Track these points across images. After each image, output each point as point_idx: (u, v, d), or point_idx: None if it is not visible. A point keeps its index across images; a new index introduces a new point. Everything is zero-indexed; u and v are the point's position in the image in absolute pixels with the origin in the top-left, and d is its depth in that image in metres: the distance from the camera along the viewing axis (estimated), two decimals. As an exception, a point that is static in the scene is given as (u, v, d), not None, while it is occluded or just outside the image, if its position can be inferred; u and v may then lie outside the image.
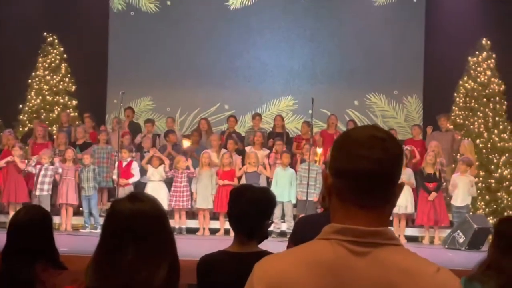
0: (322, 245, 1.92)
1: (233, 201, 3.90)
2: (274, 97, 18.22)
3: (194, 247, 11.28)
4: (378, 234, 1.90)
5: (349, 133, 1.99)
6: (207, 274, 3.85)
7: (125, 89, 14.95)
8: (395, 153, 1.94)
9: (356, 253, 1.88)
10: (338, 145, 1.98)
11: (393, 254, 1.89)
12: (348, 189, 1.93)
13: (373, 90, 18.01)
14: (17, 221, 3.81)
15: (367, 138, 1.93)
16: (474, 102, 16.17)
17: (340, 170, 1.94)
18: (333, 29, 18.13)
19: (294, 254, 1.95)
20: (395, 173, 1.95)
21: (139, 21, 18.53)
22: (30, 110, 17.35)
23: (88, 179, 14.06)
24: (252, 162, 14.21)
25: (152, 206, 2.32)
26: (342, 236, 1.90)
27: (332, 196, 1.98)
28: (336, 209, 1.97)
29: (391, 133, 2.00)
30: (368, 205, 1.92)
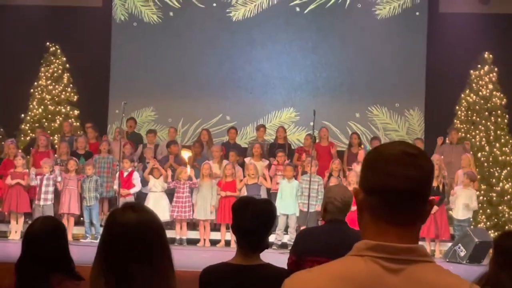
0: (355, 261, 1.90)
1: (237, 215, 3.90)
2: (276, 108, 18.22)
3: (195, 258, 11.28)
4: (412, 251, 1.90)
5: (380, 150, 1.99)
6: (209, 286, 3.84)
7: (127, 100, 14.97)
8: (428, 170, 1.94)
9: (390, 270, 1.87)
10: (370, 162, 1.97)
11: (427, 271, 1.89)
12: (381, 206, 1.92)
13: (375, 102, 18.00)
14: (32, 232, 3.81)
15: (400, 155, 1.92)
16: (476, 115, 16.18)
17: (373, 187, 1.93)
18: (335, 41, 18.16)
19: (327, 270, 1.92)
20: (428, 190, 1.95)
21: (142, 31, 18.55)
22: (32, 120, 17.36)
23: (90, 189, 14.06)
24: (251, 174, 14.20)
25: (151, 216, 2.30)
26: (375, 253, 1.89)
27: (363, 212, 1.98)
28: (368, 226, 1.96)
29: (421, 149, 2.00)
30: (401, 222, 1.92)
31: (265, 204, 3.95)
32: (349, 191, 4.98)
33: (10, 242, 13.56)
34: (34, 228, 3.84)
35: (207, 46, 18.24)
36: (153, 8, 18.59)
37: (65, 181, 14.10)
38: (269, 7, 18.35)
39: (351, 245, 2.31)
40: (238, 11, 18.43)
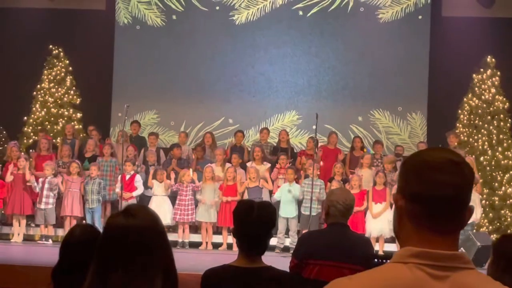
0: (398, 268, 1.88)
1: (239, 221, 3.90)
2: (278, 112, 18.22)
3: (197, 261, 11.28)
4: (456, 258, 1.89)
5: (424, 156, 1.96)
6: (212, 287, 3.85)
7: (129, 102, 14.97)
8: (471, 178, 1.94)
9: (435, 277, 1.86)
10: (413, 168, 1.95)
11: (472, 279, 1.88)
12: (424, 214, 1.91)
13: (377, 106, 17.99)
14: (72, 240, 3.82)
15: (446, 163, 1.91)
16: (479, 119, 16.17)
17: (417, 195, 1.92)
18: (338, 45, 18.16)
19: (369, 278, 1.90)
20: (469, 198, 1.95)
21: (145, 35, 18.57)
22: (34, 122, 17.38)
23: (93, 192, 14.06)
24: (252, 177, 14.20)
25: (144, 221, 2.27)
26: (420, 260, 1.87)
27: (403, 219, 1.96)
28: (410, 233, 1.94)
29: (463, 157, 1.99)
30: (443, 230, 1.91)
31: (266, 208, 3.96)
32: (351, 195, 4.99)
33: (12, 245, 13.58)
34: (74, 235, 3.86)
35: (210, 49, 18.26)
36: (156, 11, 18.61)
37: (67, 184, 14.11)
38: (272, 10, 18.35)
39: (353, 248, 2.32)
40: (241, 15, 18.44)
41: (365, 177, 14.20)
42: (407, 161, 1.99)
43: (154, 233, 2.25)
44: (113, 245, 2.25)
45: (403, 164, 2.00)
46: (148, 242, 2.22)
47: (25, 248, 13.30)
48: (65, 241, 3.86)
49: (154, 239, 2.24)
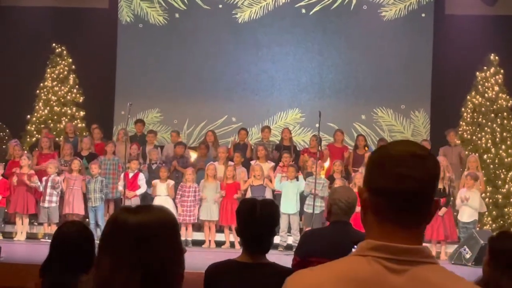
0: (358, 261, 1.89)
1: (242, 220, 3.90)
2: (281, 110, 18.21)
3: (200, 259, 11.27)
4: (416, 252, 1.89)
5: (388, 149, 1.96)
6: (214, 283, 3.85)
7: (132, 101, 14.95)
8: (435, 172, 1.93)
9: (393, 270, 1.86)
10: (377, 162, 1.95)
11: (431, 273, 1.88)
12: (386, 208, 1.91)
13: (380, 104, 17.98)
14: (61, 235, 3.85)
15: (409, 156, 1.90)
16: (482, 117, 16.15)
17: (379, 188, 1.91)
18: (341, 43, 18.15)
19: (328, 269, 1.91)
20: (434, 191, 1.94)
21: (147, 33, 18.57)
22: (38, 121, 17.39)
23: (95, 190, 14.06)
24: (257, 175, 14.20)
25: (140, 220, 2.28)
26: (379, 253, 1.87)
27: (367, 212, 1.96)
28: (372, 226, 1.94)
29: (429, 150, 1.98)
30: (406, 224, 1.91)
31: (269, 206, 3.97)
32: (353, 193, 4.99)
33: (16, 243, 13.59)
34: (63, 231, 3.89)
35: (212, 47, 18.25)
36: (158, 9, 18.61)
37: (69, 182, 14.11)
38: (274, 9, 18.34)
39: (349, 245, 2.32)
40: (243, 13, 18.43)
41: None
42: (372, 154, 1.99)
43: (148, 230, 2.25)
44: (106, 234, 2.28)
45: (369, 158, 2.00)
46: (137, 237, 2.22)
47: (28, 247, 13.30)
48: (55, 237, 3.88)
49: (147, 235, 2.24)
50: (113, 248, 2.23)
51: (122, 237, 2.22)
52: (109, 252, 2.23)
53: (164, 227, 2.29)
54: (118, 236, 2.24)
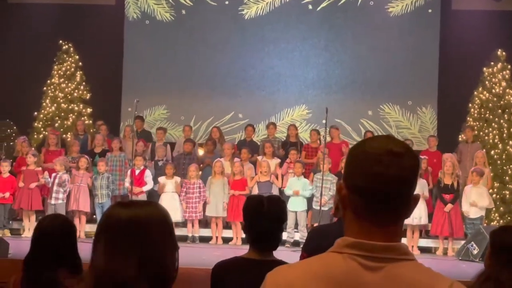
0: (334, 258, 1.89)
1: (250, 217, 3.90)
2: (288, 106, 18.21)
3: (207, 255, 11.29)
4: (391, 249, 1.88)
5: (365, 147, 1.93)
6: (222, 280, 3.85)
7: (139, 98, 14.98)
8: (412, 169, 1.90)
9: (368, 268, 1.86)
10: (353, 159, 1.94)
11: (407, 270, 1.87)
12: (363, 206, 1.90)
13: (387, 100, 17.96)
14: (41, 229, 3.87)
15: (384, 154, 1.88)
16: (489, 113, 16.11)
17: (356, 186, 1.91)
18: (348, 39, 18.13)
19: (306, 266, 1.92)
20: (412, 189, 1.92)
21: (154, 29, 18.59)
22: (45, 118, 17.43)
23: (102, 187, 14.10)
24: (264, 171, 14.19)
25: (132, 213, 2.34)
26: (355, 250, 1.88)
27: (346, 208, 1.95)
28: (350, 223, 1.94)
29: (407, 145, 1.95)
30: (383, 222, 1.90)
31: (276, 202, 3.96)
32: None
33: (23, 240, 13.63)
34: (43, 225, 3.90)
35: (219, 44, 18.26)
36: (165, 6, 18.62)
37: (76, 179, 14.14)
38: (281, 4, 18.34)
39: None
40: (250, 9, 18.43)
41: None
42: (351, 150, 1.98)
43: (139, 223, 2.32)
44: (100, 227, 2.35)
45: (348, 154, 1.99)
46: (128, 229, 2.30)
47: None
48: (35, 231, 3.90)
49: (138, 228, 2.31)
50: (106, 239, 2.30)
51: (114, 229, 2.30)
52: (103, 243, 2.30)
53: (155, 222, 2.35)
54: (111, 228, 2.31)
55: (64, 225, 3.94)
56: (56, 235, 3.82)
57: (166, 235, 2.38)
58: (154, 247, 2.32)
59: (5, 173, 14.20)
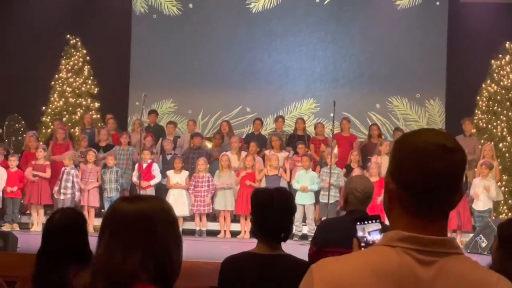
0: (387, 252, 1.87)
1: (259, 209, 3.89)
2: (296, 100, 18.19)
3: (215, 249, 11.30)
4: (444, 243, 1.88)
5: (416, 142, 1.90)
6: (231, 275, 3.85)
7: (147, 92, 15.00)
8: (463, 164, 1.90)
9: (422, 262, 1.84)
10: (404, 154, 1.90)
11: (458, 264, 1.87)
12: (413, 201, 1.88)
13: (395, 93, 17.92)
14: (52, 224, 3.85)
15: (438, 150, 1.86)
16: (497, 105, 16.06)
17: (407, 182, 1.88)
18: (355, 32, 18.08)
19: (357, 260, 1.89)
20: (461, 183, 1.92)
21: (161, 23, 18.58)
22: (52, 112, 17.45)
23: (111, 180, 14.13)
24: (273, 165, 14.19)
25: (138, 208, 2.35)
26: (409, 244, 1.85)
27: (393, 202, 1.93)
28: (399, 217, 1.92)
29: (457, 140, 1.94)
30: (434, 217, 1.89)
31: (285, 195, 3.96)
32: (370, 182, 4.97)
33: (32, 234, 13.66)
34: (54, 219, 3.89)
35: (226, 38, 18.24)
36: (172, 0, 18.61)
37: (84, 174, 14.18)
38: (288, -2, 18.33)
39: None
40: (257, 3, 18.40)
41: (384, 164, 14.15)
42: (399, 144, 1.94)
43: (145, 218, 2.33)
44: (104, 222, 2.37)
45: (395, 147, 1.95)
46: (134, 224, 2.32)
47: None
48: (46, 225, 3.88)
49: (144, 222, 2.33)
50: (109, 233, 2.32)
51: (118, 224, 2.32)
52: (106, 237, 2.32)
53: (160, 217, 2.36)
54: (115, 223, 2.33)
55: (74, 219, 3.93)
56: (66, 230, 3.81)
57: (170, 230, 2.39)
58: (158, 242, 2.33)
59: (13, 168, 14.25)
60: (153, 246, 2.31)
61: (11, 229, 12.80)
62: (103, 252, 2.30)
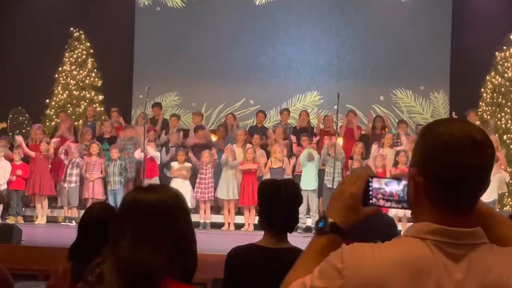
0: (418, 245, 1.84)
1: (266, 200, 3.88)
2: (300, 92, 18.18)
3: (219, 241, 11.30)
4: (472, 235, 1.86)
5: (445, 135, 1.86)
6: (237, 268, 3.84)
7: (151, 84, 14.99)
8: (492, 157, 1.88)
9: (453, 257, 1.83)
10: (431, 147, 1.87)
11: (486, 255, 1.85)
12: (443, 196, 1.86)
13: (399, 85, 17.90)
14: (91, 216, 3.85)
15: (468, 144, 1.83)
16: (502, 97, 16.03)
17: (435, 176, 1.85)
18: (359, 24, 18.04)
19: (391, 250, 1.85)
20: (490, 176, 1.90)
21: (165, 16, 18.56)
22: (56, 105, 17.47)
23: (114, 173, 14.15)
24: (277, 157, 14.19)
25: (159, 198, 2.32)
26: (439, 237, 1.83)
27: (419, 194, 1.90)
28: (426, 210, 1.89)
29: (485, 133, 1.90)
30: (463, 210, 1.87)
31: (292, 186, 3.95)
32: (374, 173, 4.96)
33: (36, 227, 13.70)
34: (92, 214, 3.89)
35: (230, 30, 18.21)
36: (176, -8, 18.61)
37: (88, 166, 14.21)
38: (292, -10, 18.29)
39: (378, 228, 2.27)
40: (261, -5, 18.39)
41: (388, 157, 14.16)
42: (426, 136, 1.91)
43: (166, 207, 2.30)
44: (125, 214, 2.32)
45: (423, 138, 1.92)
46: (156, 213, 2.28)
47: (49, 230, 13.40)
48: (83, 219, 3.87)
49: (164, 212, 2.30)
50: (133, 224, 2.27)
51: (143, 214, 2.27)
52: (129, 229, 2.26)
53: (178, 204, 2.35)
54: (139, 213, 2.28)
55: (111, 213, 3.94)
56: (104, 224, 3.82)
57: (188, 219, 2.38)
58: (181, 232, 2.30)
59: (17, 161, 14.27)
60: (178, 238, 2.28)
61: (15, 222, 12.83)
62: (128, 246, 2.24)
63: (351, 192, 2.05)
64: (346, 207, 2.05)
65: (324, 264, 1.89)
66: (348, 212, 2.05)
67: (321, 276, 1.87)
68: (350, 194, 2.05)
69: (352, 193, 2.05)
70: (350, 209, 2.05)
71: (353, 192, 2.05)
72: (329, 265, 1.87)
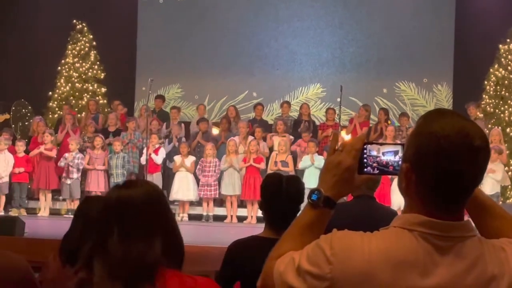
0: (405, 236, 1.84)
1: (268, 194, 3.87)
2: (302, 85, 18.16)
3: (222, 234, 11.31)
4: (461, 227, 1.85)
5: (439, 138, 1.82)
6: (237, 258, 3.84)
7: (153, 77, 14.98)
8: (487, 160, 1.87)
9: (440, 249, 1.82)
10: (426, 150, 1.83)
11: (475, 247, 1.85)
12: (434, 197, 1.85)
13: (402, 78, 17.87)
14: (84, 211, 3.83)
15: (464, 150, 1.81)
16: (505, 90, 15.98)
17: (428, 181, 1.83)
18: (362, 17, 18.01)
19: (380, 240, 1.85)
20: (483, 176, 1.89)
21: (168, 9, 18.53)
22: (59, 97, 17.45)
23: (117, 166, 14.15)
24: (281, 150, 14.17)
25: (142, 192, 2.34)
26: (427, 229, 1.83)
27: (411, 189, 1.88)
28: (416, 201, 1.88)
29: (484, 133, 1.88)
30: (452, 211, 1.87)
31: (295, 182, 3.94)
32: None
33: (39, 219, 13.71)
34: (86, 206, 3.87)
35: (233, 22, 18.19)
36: (179, -16, 18.57)
37: (91, 160, 14.21)
38: (295, -18, 18.25)
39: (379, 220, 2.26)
40: (264, -13, 18.35)
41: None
42: (419, 135, 1.86)
43: (150, 200, 2.34)
44: (111, 213, 2.33)
45: (416, 136, 1.87)
46: (144, 207, 2.31)
47: (52, 222, 13.41)
48: (77, 212, 3.86)
49: (150, 204, 2.33)
50: (121, 221, 2.29)
51: (130, 209, 2.30)
52: (117, 226, 2.29)
53: (160, 197, 2.39)
54: (124, 209, 2.31)
55: None
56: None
57: (169, 209, 2.42)
58: (169, 223, 2.34)
59: (20, 153, 14.28)
60: (167, 228, 2.31)
61: (18, 214, 12.83)
62: (119, 243, 2.25)
63: (347, 165, 2.02)
64: (341, 180, 2.03)
65: (314, 247, 1.89)
66: (342, 185, 2.03)
67: (309, 260, 1.88)
68: (346, 167, 2.02)
69: (349, 166, 2.02)
70: (344, 182, 2.03)
71: (349, 165, 2.02)
72: (319, 250, 1.87)
